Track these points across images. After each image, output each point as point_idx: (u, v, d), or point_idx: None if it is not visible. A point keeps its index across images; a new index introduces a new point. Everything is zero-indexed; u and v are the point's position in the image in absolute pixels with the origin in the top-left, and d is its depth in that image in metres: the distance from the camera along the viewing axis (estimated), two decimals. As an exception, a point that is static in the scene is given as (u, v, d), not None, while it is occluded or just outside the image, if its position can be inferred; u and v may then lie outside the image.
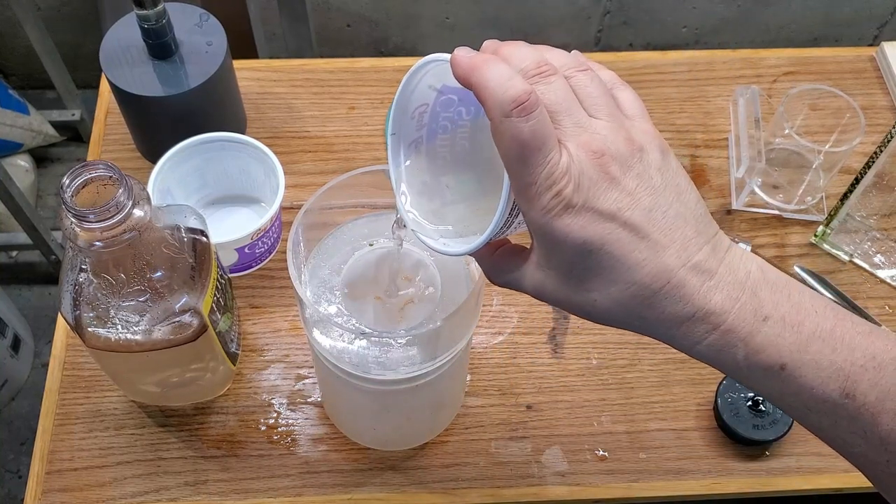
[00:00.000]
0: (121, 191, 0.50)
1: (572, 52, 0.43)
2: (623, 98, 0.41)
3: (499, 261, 0.43)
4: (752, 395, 0.68)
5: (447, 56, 0.40)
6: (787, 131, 0.77)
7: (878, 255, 0.79)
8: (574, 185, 0.37)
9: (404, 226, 0.48)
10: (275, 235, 0.75)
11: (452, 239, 0.44)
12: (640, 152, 0.39)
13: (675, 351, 0.72)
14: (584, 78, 0.40)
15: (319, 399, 0.70)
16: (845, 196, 0.76)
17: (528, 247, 0.42)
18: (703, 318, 0.38)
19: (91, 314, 0.56)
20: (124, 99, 0.76)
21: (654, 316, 0.39)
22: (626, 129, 0.39)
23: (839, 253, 0.79)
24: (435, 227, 0.46)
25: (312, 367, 0.71)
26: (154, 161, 0.73)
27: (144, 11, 0.71)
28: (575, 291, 0.40)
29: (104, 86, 0.86)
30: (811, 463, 0.69)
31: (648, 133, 0.40)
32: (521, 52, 0.40)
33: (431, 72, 0.43)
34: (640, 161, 0.39)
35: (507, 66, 0.38)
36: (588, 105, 0.39)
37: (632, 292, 0.38)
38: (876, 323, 0.72)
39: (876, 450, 0.39)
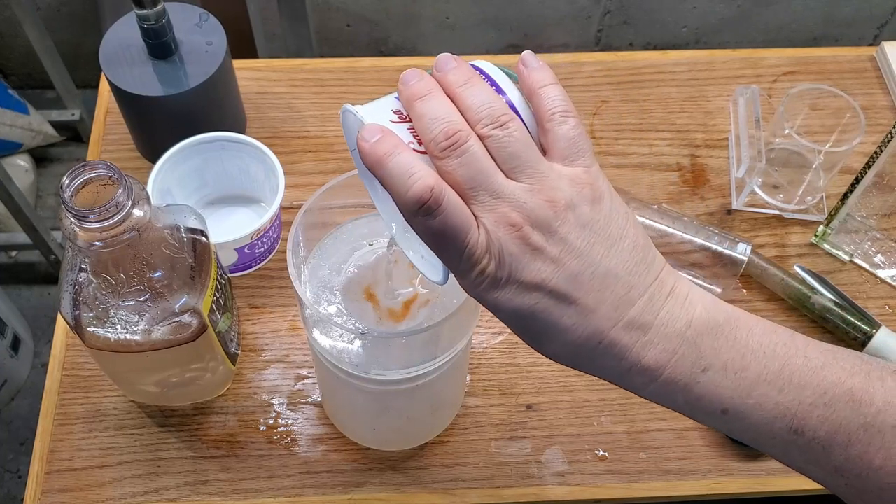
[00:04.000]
0: (120, 191, 0.50)
1: (525, 53, 0.41)
2: (560, 135, 0.39)
3: None
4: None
5: (363, 118, 0.39)
6: (787, 131, 0.77)
7: (879, 255, 0.79)
8: (496, 262, 0.37)
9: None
10: (274, 235, 0.75)
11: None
12: (564, 211, 0.37)
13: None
14: (503, 136, 0.38)
15: (319, 399, 0.70)
16: (845, 196, 0.76)
17: None
18: (640, 372, 0.38)
19: (91, 314, 0.56)
20: (124, 99, 0.76)
21: (595, 369, 0.40)
22: (550, 186, 0.38)
23: (839, 253, 0.79)
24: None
25: (312, 367, 0.71)
26: (154, 161, 0.73)
27: (144, 11, 0.71)
28: (523, 339, 0.41)
29: (104, 85, 0.86)
30: (811, 463, 0.69)
31: (578, 181, 0.38)
32: (433, 114, 0.38)
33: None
34: (564, 222, 0.37)
35: (409, 155, 0.37)
36: (507, 167, 0.38)
37: (569, 350, 0.39)
38: (876, 323, 0.72)
39: (832, 476, 0.40)
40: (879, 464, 0.38)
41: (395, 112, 0.40)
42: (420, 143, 0.39)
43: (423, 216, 0.36)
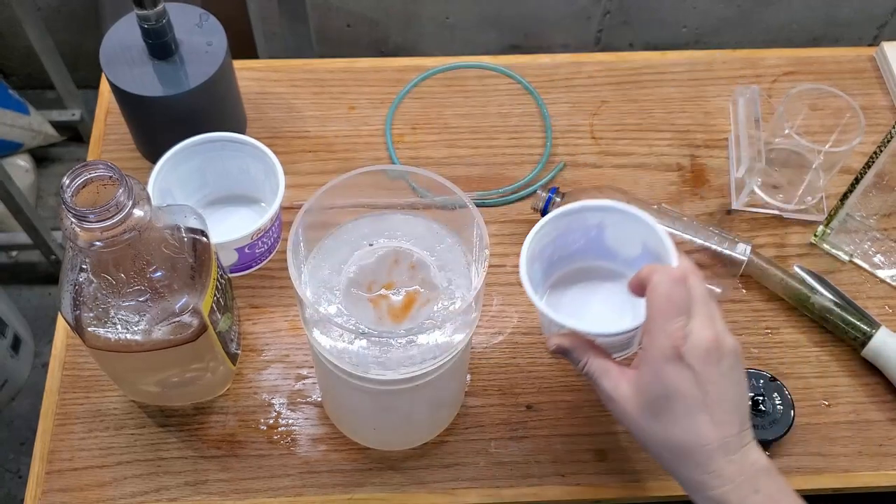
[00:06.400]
0: (121, 191, 0.50)
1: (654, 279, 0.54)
2: (713, 304, 0.55)
3: (606, 362, 0.57)
4: (751, 394, 0.68)
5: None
6: (787, 131, 0.77)
7: (878, 255, 0.79)
8: (689, 347, 0.52)
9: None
10: (275, 235, 0.75)
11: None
12: (720, 353, 0.52)
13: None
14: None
15: (319, 399, 0.70)
16: (845, 196, 0.76)
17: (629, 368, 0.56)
18: (716, 476, 0.52)
19: (91, 314, 0.56)
20: (124, 99, 0.76)
21: (688, 463, 0.53)
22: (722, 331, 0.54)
23: (839, 253, 0.79)
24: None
25: (312, 366, 0.71)
26: (154, 161, 0.73)
27: (144, 11, 0.71)
28: (643, 415, 0.54)
29: (104, 86, 0.86)
30: (811, 463, 0.69)
31: (730, 341, 0.54)
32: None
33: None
34: (725, 357, 0.53)
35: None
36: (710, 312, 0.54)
37: (685, 438, 0.52)
38: (876, 323, 0.72)
39: None
40: None
41: None
42: None
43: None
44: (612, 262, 0.66)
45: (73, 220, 0.50)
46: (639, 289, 0.56)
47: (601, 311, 0.66)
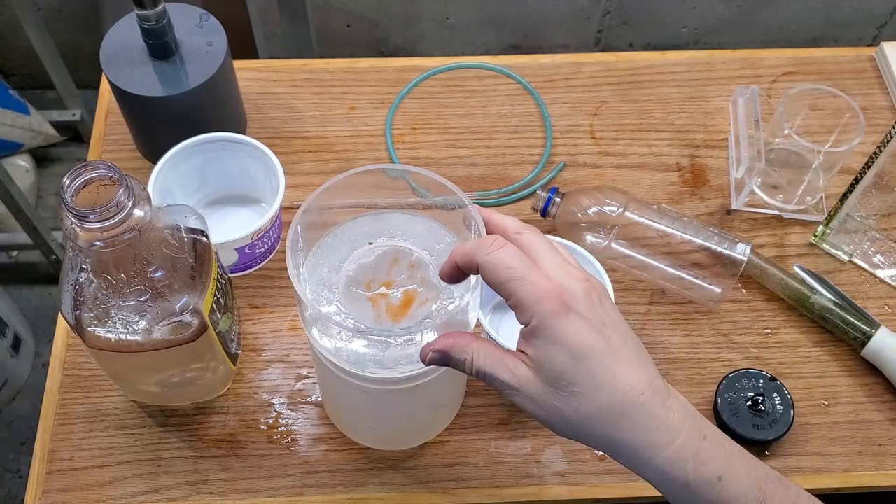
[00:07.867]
0: (121, 191, 0.50)
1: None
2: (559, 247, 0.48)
3: (494, 351, 0.47)
4: (751, 394, 0.68)
5: None
6: (786, 131, 0.77)
7: (878, 255, 0.79)
8: (569, 295, 0.44)
9: None
10: (275, 235, 0.75)
11: None
12: (597, 293, 0.46)
13: (674, 351, 0.72)
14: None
15: (319, 399, 0.70)
16: (845, 196, 0.76)
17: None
18: (664, 430, 0.44)
19: (91, 314, 0.56)
20: (124, 99, 0.76)
21: (628, 425, 0.44)
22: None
23: (839, 253, 0.79)
24: None
25: (312, 366, 0.71)
26: (154, 161, 0.73)
27: (145, 12, 0.71)
28: (557, 395, 0.45)
29: (104, 86, 0.86)
30: (811, 463, 0.69)
31: (595, 280, 0.47)
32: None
33: None
34: (601, 296, 0.46)
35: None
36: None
37: (614, 399, 0.44)
38: (875, 323, 0.72)
39: None
40: None
41: None
42: None
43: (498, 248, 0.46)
44: None
45: (73, 220, 0.50)
46: (454, 274, 0.49)
47: None
